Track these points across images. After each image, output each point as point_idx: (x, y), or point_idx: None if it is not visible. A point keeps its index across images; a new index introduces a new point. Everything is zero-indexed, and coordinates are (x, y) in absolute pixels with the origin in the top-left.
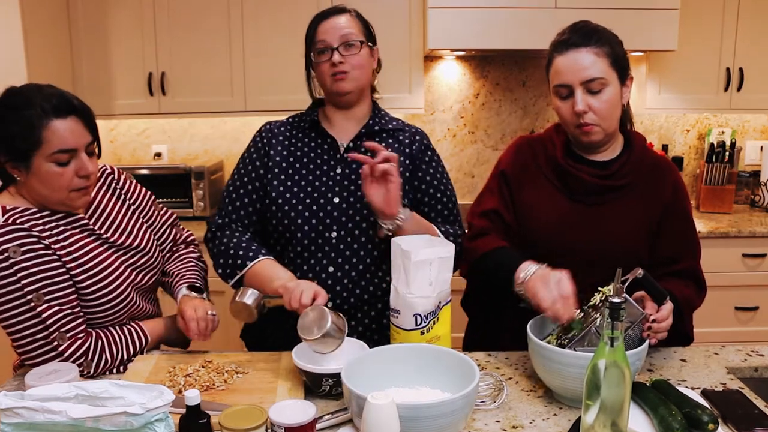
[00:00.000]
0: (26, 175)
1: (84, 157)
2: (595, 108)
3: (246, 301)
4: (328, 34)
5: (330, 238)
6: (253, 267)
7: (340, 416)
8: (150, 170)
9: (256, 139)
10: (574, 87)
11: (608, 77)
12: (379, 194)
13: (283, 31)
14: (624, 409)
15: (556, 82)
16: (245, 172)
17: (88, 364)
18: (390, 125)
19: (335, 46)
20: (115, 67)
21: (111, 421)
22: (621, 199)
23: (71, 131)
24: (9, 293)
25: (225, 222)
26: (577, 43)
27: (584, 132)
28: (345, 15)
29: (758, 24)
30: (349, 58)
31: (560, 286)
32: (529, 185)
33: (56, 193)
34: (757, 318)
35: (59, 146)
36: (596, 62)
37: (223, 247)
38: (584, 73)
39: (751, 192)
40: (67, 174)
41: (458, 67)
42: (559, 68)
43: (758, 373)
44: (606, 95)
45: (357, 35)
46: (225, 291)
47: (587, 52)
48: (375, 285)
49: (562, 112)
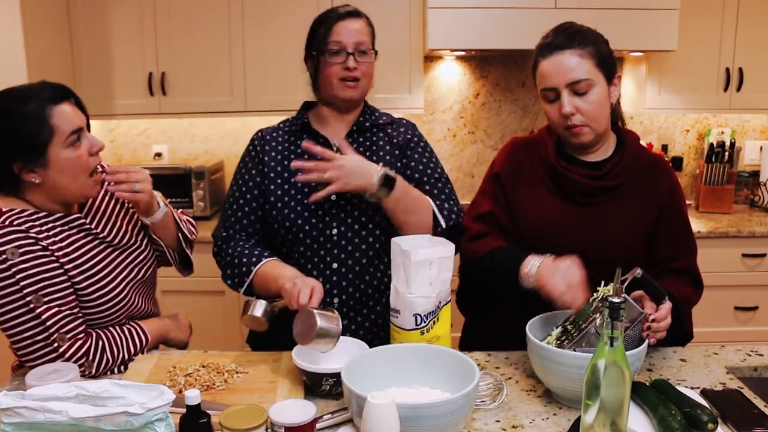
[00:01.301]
0: (45, 172)
1: (90, 135)
2: (583, 109)
3: (255, 313)
4: (343, 36)
5: (331, 236)
6: (258, 271)
7: (340, 416)
8: (150, 170)
9: (249, 149)
10: (560, 89)
11: (594, 78)
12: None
13: (283, 31)
14: (624, 408)
15: (543, 85)
16: (243, 182)
17: (89, 364)
18: (380, 120)
19: (350, 50)
20: (115, 67)
21: (111, 420)
22: (615, 200)
23: (73, 112)
24: (8, 295)
25: (229, 234)
26: (561, 45)
27: (573, 134)
28: (361, 20)
29: (758, 24)
30: (361, 66)
31: (569, 273)
32: (523, 187)
33: (78, 179)
34: (756, 318)
35: (70, 128)
36: (581, 63)
37: (229, 258)
38: (569, 75)
39: (751, 192)
40: (83, 155)
41: (458, 67)
42: (544, 72)
43: (757, 373)
44: (593, 96)
45: (369, 43)
46: (224, 291)
47: (571, 54)
48: (378, 279)
49: (551, 115)
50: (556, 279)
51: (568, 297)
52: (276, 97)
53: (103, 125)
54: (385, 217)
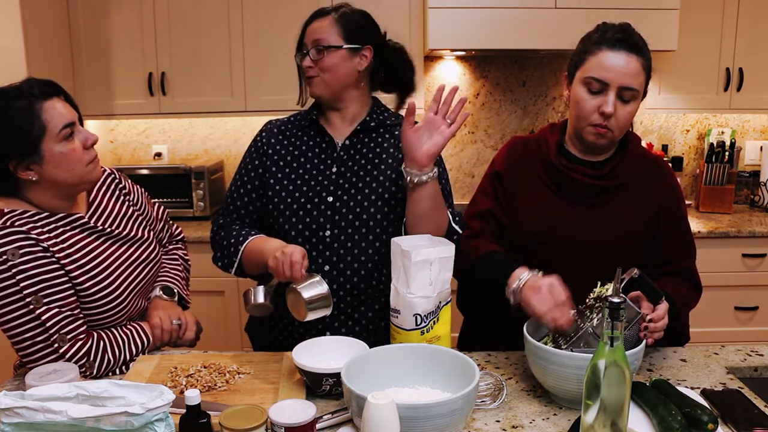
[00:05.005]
0: (40, 168)
1: (83, 129)
2: (619, 115)
3: (258, 301)
4: (307, 36)
5: (324, 237)
6: (244, 249)
7: (340, 416)
8: (150, 170)
9: (256, 139)
10: (611, 87)
11: (640, 92)
12: (424, 138)
13: (283, 31)
14: (624, 408)
15: (593, 74)
16: (245, 172)
17: (90, 365)
18: (388, 121)
19: (307, 50)
20: (115, 67)
21: (111, 420)
22: (615, 200)
23: (64, 107)
24: (8, 296)
25: (226, 221)
26: (631, 47)
27: (599, 133)
28: (325, 18)
29: (758, 24)
30: (320, 62)
31: (553, 292)
32: (523, 185)
33: (76, 170)
34: (756, 318)
35: (62, 122)
36: (639, 74)
37: (220, 239)
38: (627, 79)
39: (751, 192)
40: (77, 149)
41: (458, 67)
42: (605, 63)
43: (758, 373)
44: (631, 107)
45: (330, 39)
46: (224, 291)
47: (637, 60)
48: (373, 285)
49: (585, 105)
50: (538, 298)
51: (549, 317)
52: (276, 97)
53: (103, 125)
54: (380, 222)
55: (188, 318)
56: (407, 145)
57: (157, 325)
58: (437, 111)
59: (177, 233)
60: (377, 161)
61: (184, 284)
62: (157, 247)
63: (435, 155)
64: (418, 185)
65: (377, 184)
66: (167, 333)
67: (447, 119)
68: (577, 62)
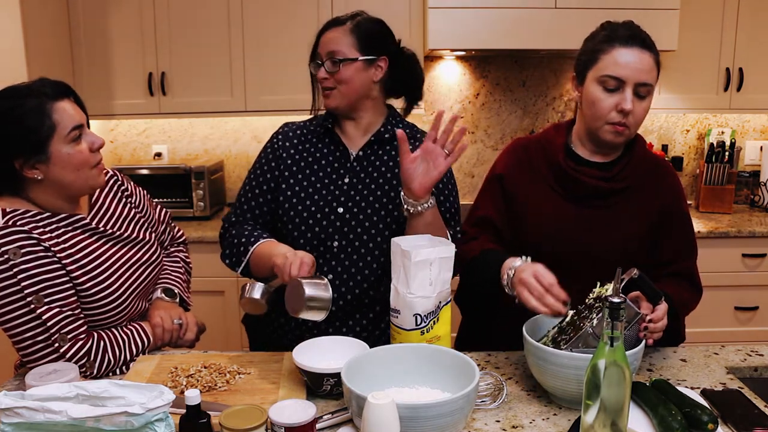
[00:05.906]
0: (46, 168)
1: (90, 132)
2: (636, 112)
3: (254, 296)
4: (321, 47)
5: (331, 247)
6: (254, 251)
7: (340, 416)
8: (150, 170)
9: (272, 140)
10: (627, 84)
11: (654, 87)
12: (420, 169)
13: (283, 31)
14: (624, 408)
15: (610, 72)
16: (260, 173)
17: (91, 365)
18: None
19: (322, 61)
20: (115, 67)
21: (111, 421)
22: (622, 202)
23: (74, 109)
24: (9, 295)
25: (239, 220)
26: (644, 45)
27: (617, 131)
28: (339, 28)
29: (758, 24)
30: (335, 74)
31: (540, 280)
32: (526, 188)
33: (81, 172)
34: (756, 318)
35: (71, 124)
36: (653, 70)
37: (230, 238)
38: (642, 75)
39: (751, 192)
40: (84, 151)
41: (458, 67)
42: (620, 59)
43: (758, 373)
44: (646, 103)
45: (345, 51)
46: (224, 291)
47: (649, 56)
48: (377, 295)
49: (601, 104)
50: (528, 291)
51: (543, 310)
52: (276, 97)
53: (103, 125)
54: (388, 237)
55: (189, 318)
56: (404, 175)
57: (159, 324)
58: (436, 139)
59: (179, 236)
60: (389, 175)
61: (185, 286)
62: (158, 249)
63: (431, 188)
64: (414, 215)
65: (388, 199)
66: (168, 332)
67: (445, 149)
68: (588, 62)
